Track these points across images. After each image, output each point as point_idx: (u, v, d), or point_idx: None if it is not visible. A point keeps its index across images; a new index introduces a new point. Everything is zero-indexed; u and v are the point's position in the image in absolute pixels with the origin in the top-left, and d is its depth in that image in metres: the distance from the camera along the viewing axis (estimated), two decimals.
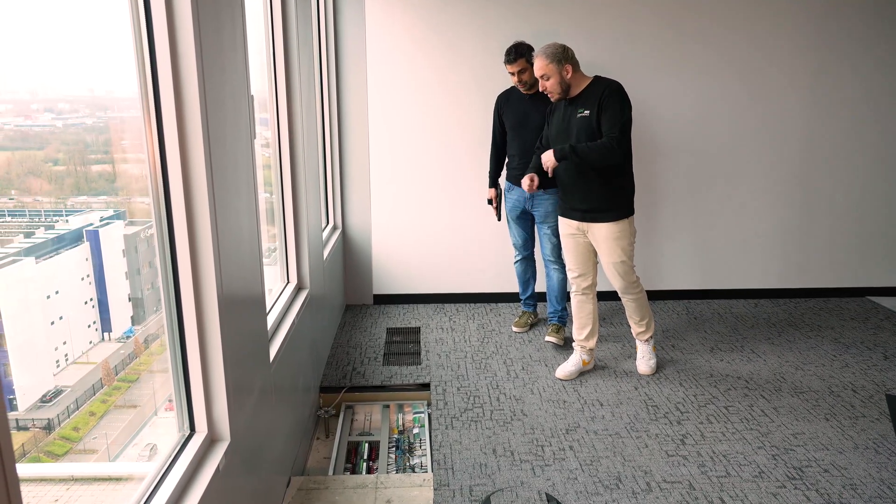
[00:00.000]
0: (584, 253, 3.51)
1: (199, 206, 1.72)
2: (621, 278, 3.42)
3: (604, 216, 3.34)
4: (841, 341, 4.10)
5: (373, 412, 3.51)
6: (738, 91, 4.55)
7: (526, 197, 3.88)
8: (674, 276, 4.83)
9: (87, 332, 1.72)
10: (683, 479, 2.70)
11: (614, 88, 3.22)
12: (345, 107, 4.53)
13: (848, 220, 4.82)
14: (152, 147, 1.67)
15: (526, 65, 3.66)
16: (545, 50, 3.24)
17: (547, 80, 3.25)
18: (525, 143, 3.81)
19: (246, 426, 2.05)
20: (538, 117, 3.69)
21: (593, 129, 3.23)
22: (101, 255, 1.77)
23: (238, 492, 2.01)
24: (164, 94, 1.64)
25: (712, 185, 4.70)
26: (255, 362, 2.21)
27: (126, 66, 1.63)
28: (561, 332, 4.05)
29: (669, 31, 4.44)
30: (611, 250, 3.37)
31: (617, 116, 3.17)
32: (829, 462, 2.81)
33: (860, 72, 4.56)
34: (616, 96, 3.19)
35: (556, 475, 2.74)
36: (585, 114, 3.24)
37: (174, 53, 1.63)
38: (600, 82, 3.26)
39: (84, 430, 1.69)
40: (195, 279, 1.76)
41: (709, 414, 3.22)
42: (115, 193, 1.82)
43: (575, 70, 3.26)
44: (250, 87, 2.16)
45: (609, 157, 3.19)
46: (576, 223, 3.46)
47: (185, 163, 1.68)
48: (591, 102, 3.23)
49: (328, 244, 4.15)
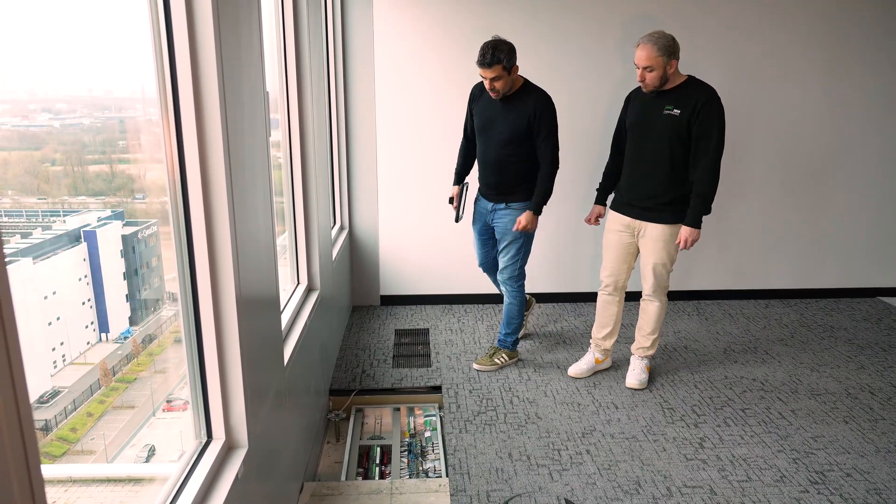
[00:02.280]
0: (624, 255, 3.40)
1: (217, 205, 1.67)
2: (656, 280, 3.34)
3: (664, 217, 3.24)
4: (855, 342, 4.05)
5: (383, 415, 3.46)
6: (749, 91, 4.51)
7: (488, 209, 3.51)
8: (684, 276, 4.78)
9: (85, 333, 1.70)
10: (704, 484, 2.66)
11: (713, 98, 3.06)
12: (352, 106, 4.48)
13: (859, 221, 4.78)
14: (170, 146, 1.62)
15: (502, 72, 3.15)
16: (656, 40, 3.01)
17: (650, 73, 3.05)
18: (486, 153, 3.42)
19: (262, 432, 2.00)
20: (506, 126, 3.31)
21: (681, 131, 3.10)
22: (98, 256, 1.74)
23: (254, 499, 1.96)
24: (182, 93, 1.59)
25: (723, 186, 4.65)
26: (270, 366, 2.16)
27: (126, 65, 1.59)
28: (496, 356, 3.67)
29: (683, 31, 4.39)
30: (658, 251, 3.28)
31: (715, 133, 3.06)
32: (851, 466, 2.77)
33: (873, 72, 4.52)
34: (716, 109, 3.05)
35: (574, 480, 2.69)
36: (675, 113, 3.10)
37: (194, 51, 1.58)
38: (698, 86, 3.11)
39: (82, 431, 1.67)
40: (213, 280, 1.71)
41: (726, 417, 3.17)
42: (112, 193, 1.78)
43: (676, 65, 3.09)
44: (266, 85, 2.11)
45: (715, 183, 3.13)
46: (628, 220, 3.34)
47: (203, 161, 1.63)
48: (685, 104, 3.08)
49: (336, 245, 4.10)
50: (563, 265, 4.72)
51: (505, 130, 3.33)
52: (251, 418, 1.87)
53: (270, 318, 2.17)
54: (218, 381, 1.77)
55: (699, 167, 3.10)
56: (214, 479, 1.71)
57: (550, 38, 4.35)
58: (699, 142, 3.09)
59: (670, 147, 3.14)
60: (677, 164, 3.16)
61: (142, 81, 1.69)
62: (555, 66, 4.32)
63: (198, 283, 1.71)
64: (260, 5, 2.07)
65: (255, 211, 1.96)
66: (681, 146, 3.13)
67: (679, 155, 3.15)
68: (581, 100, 4.36)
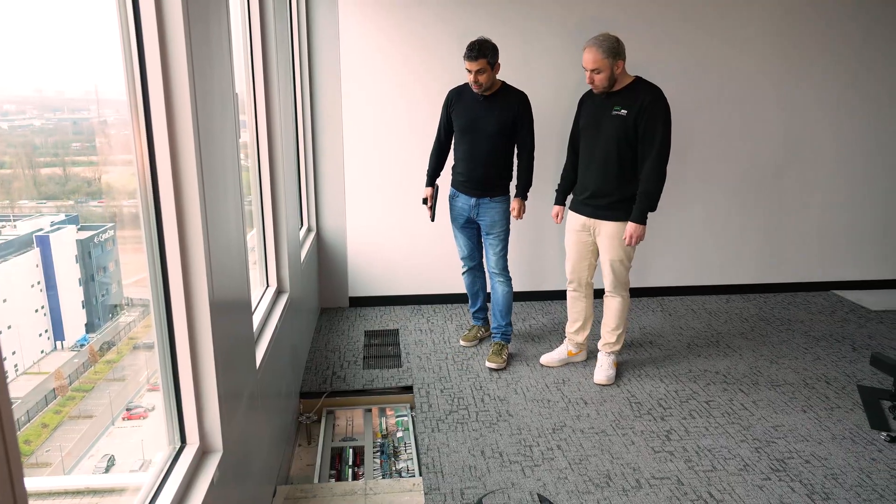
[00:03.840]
0: (584, 253, 3.50)
1: (189, 206, 1.65)
2: (615, 277, 3.43)
3: (615, 215, 3.33)
4: (811, 334, 4.21)
5: (355, 417, 3.46)
6: (711, 90, 4.64)
7: (471, 204, 3.66)
8: (648, 273, 4.89)
9: (39, 342, 1.65)
10: (671, 475, 2.73)
11: (658, 98, 3.15)
12: (318, 107, 4.46)
13: (813, 218, 4.96)
14: (140, 147, 1.59)
15: (486, 65, 3.36)
16: (601, 43, 3.12)
17: (597, 74, 3.16)
18: (472, 149, 3.57)
19: (236, 436, 1.99)
20: (491, 122, 3.50)
21: (628, 130, 3.19)
22: (52, 262, 1.69)
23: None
24: (153, 93, 1.57)
25: (685, 185, 4.78)
26: (243, 369, 2.14)
27: (78, 65, 1.55)
28: (503, 352, 3.75)
29: (646, 32, 4.49)
30: (614, 248, 3.36)
31: (659, 133, 3.14)
32: (809, 453, 2.88)
33: (826, 74, 4.70)
34: (661, 109, 3.14)
35: (546, 475, 2.74)
36: (622, 113, 3.19)
37: (164, 51, 1.56)
38: (644, 86, 3.20)
39: (36, 443, 1.62)
40: (186, 283, 1.69)
41: (691, 409, 3.26)
42: (66, 197, 1.73)
43: (623, 67, 3.19)
44: (235, 86, 2.10)
45: (661, 180, 3.20)
46: (584, 219, 3.44)
47: (175, 163, 1.61)
48: (631, 104, 3.17)
49: (304, 247, 4.07)
50: (530, 264, 4.77)
51: (492, 125, 3.52)
52: (225, 422, 1.85)
53: (243, 320, 2.16)
54: (191, 384, 1.75)
55: (645, 166, 3.20)
56: (189, 484, 1.69)
57: (515, 39, 4.39)
58: (645, 141, 3.19)
59: (618, 147, 3.25)
60: (626, 164, 3.27)
61: (95, 81, 1.66)
62: (516, 67, 4.37)
63: (170, 286, 1.68)
64: (228, 6, 2.06)
65: (227, 212, 1.94)
66: (628, 146, 3.24)
67: (627, 154, 3.25)
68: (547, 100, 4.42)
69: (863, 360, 3.80)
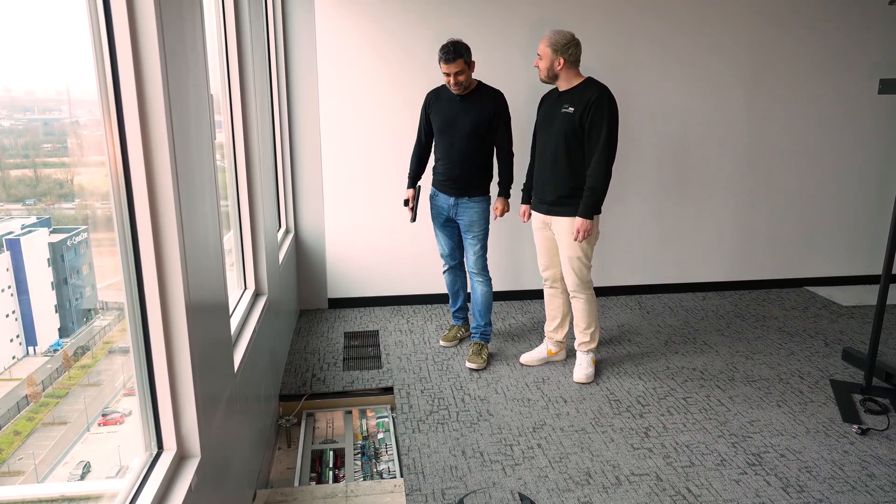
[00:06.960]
0: (550, 247, 3.57)
1: (164, 208, 1.62)
2: (575, 275, 3.46)
3: (566, 210, 3.38)
4: (785, 330, 4.28)
5: (335, 419, 3.44)
6: (683, 89, 4.70)
7: (450, 203, 3.69)
8: (625, 271, 4.94)
9: (10, 347, 1.62)
10: (651, 472, 2.75)
11: (603, 96, 3.24)
12: (295, 107, 4.43)
13: (786, 215, 5.05)
14: (113, 148, 1.56)
15: (464, 65, 3.41)
16: (552, 35, 3.29)
17: (540, 61, 3.33)
18: (451, 148, 3.60)
19: (214, 440, 1.96)
20: (468, 121, 3.53)
21: (574, 126, 3.29)
22: (23, 265, 1.65)
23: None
24: (125, 93, 1.54)
25: (660, 183, 4.84)
26: (221, 373, 2.12)
27: (49, 65, 1.51)
28: (483, 352, 3.76)
29: (619, 32, 4.54)
30: (569, 245, 3.41)
31: (604, 129, 3.22)
32: (784, 447, 2.92)
33: (796, 72, 4.78)
34: (606, 106, 3.22)
35: (527, 474, 2.75)
36: (569, 111, 3.30)
37: (136, 51, 1.53)
38: (592, 85, 3.30)
39: (8, 451, 1.58)
40: (161, 285, 1.66)
41: (669, 406, 3.30)
42: (38, 199, 1.70)
43: (569, 66, 3.29)
44: (210, 86, 2.07)
45: (606, 176, 3.27)
46: (542, 216, 3.53)
47: (149, 164, 1.59)
48: (578, 102, 3.27)
49: (282, 248, 4.04)
50: (509, 264, 4.79)
51: (468, 125, 3.55)
52: (203, 427, 1.83)
53: (220, 323, 2.13)
54: (168, 389, 1.72)
55: (591, 162, 3.28)
56: (167, 490, 1.66)
57: (493, 39, 4.41)
58: (591, 137, 3.27)
59: (566, 143, 3.33)
60: (574, 160, 3.34)
61: (67, 81, 1.63)
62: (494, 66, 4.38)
63: (145, 289, 1.66)
64: (202, 6, 2.03)
65: (203, 214, 1.92)
66: (576, 141, 3.32)
67: (576, 150, 3.33)
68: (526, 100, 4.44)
69: (835, 355, 3.87)
